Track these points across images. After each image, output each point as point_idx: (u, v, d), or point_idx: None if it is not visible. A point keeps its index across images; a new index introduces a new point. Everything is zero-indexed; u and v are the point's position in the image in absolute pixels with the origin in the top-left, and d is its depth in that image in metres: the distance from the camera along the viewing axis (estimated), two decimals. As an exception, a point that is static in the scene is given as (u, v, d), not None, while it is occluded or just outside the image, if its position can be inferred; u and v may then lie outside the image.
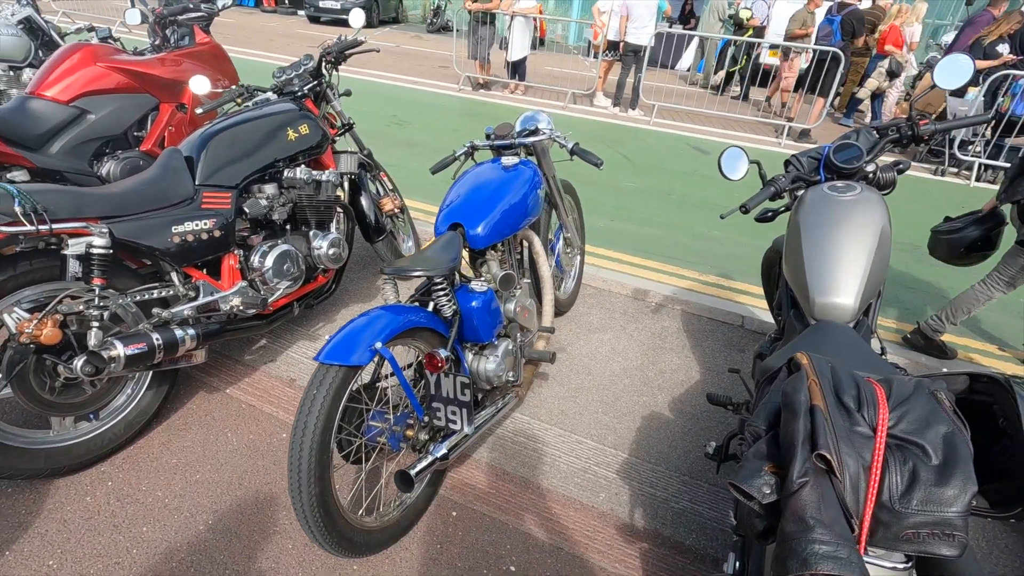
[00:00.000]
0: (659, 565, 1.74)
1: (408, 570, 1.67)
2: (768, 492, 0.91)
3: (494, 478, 1.99)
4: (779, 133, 7.31)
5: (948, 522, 0.85)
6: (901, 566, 0.92)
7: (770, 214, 2.07)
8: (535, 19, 8.42)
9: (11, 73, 3.41)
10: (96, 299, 1.71)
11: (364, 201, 2.81)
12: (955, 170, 6.27)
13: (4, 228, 1.52)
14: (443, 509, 1.87)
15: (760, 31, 9.47)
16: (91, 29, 3.55)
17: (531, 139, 2.31)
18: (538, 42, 10.70)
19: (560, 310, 2.97)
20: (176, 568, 1.60)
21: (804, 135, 7.25)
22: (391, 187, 3.07)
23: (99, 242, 1.70)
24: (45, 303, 1.68)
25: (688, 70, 11.16)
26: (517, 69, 8.45)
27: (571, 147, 2.34)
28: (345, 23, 14.11)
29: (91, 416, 1.89)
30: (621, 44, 7.76)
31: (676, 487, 2.02)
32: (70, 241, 1.69)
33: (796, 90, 7.66)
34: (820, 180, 1.91)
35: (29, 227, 1.56)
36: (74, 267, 1.72)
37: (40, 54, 3.61)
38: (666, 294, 3.22)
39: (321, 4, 14.09)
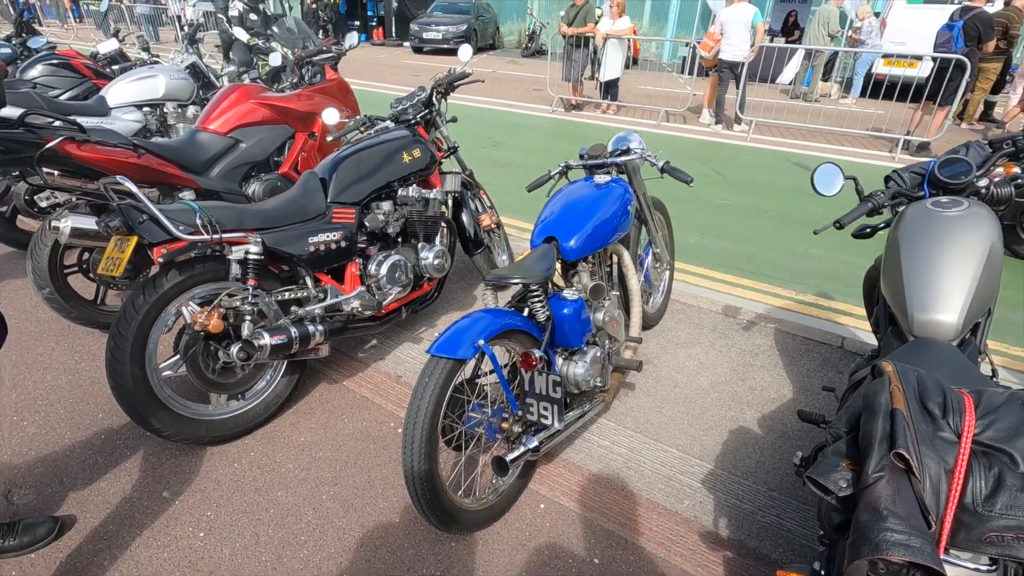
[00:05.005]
0: (743, 575, 1.76)
1: (499, 551, 1.82)
2: (844, 486, 0.97)
3: (580, 477, 2.11)
4: (895, 147, 6.84)
5: (1034, 528, 0.86)
6: (985, 568, 0.93)
7: (868, 230, 2.04)
8: (629, 40, 8.53)
9: (179, 110, 4.07)
10: (250, 296, 2.06)
11: (465, 217, 3.06)
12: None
13: (188, 236, 1.89)
14: (532, 501, 2.01)
15: None
16: (244, 72, 4.17)
17: (622, 158, 2.43)
18: (631, 61, 10.80)
19: (648, 324, 3.03)
20: (304, 528, 1.87)
21: (923, 149, 6.72)
22: (489, 204, 3.31)
23: (254, 249, 2.05)
24: (211, 299, 2.04)
25: (791, 83, 10.69)
26: (609, 89, 8.58)
27: (661, 165, 2.44)
28: (445, 52, 15.03)
29: (239, 396, 2.25)
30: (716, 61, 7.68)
31: (763, 501, 2.02)
32: (232, 248, 2.05)
33: (914, 100, 7.13)
34: (924, 196, 1.87)
35: (205, 236, 1.93)
36: (235, 270, 2.08)
37: (201, 93, 4.28)
38: (758, 312, 3.18)
39: (425, 36, 15.15)
